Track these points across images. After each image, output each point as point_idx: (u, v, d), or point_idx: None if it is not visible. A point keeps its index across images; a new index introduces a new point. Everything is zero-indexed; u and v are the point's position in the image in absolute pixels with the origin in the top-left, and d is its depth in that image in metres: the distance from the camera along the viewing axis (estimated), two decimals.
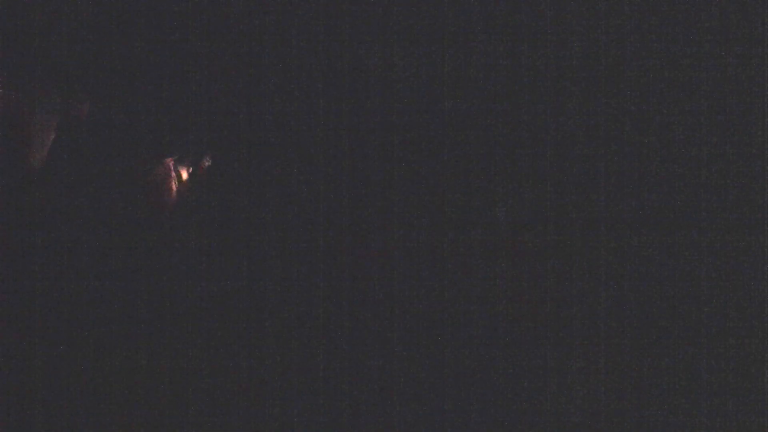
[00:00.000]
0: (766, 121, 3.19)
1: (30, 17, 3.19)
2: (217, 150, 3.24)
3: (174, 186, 3.18)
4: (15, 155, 3.12)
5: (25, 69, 3.18)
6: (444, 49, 3.25)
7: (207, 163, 3.05)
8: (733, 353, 3.16)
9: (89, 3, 3.20)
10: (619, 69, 3.23)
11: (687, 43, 3.22)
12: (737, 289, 3.17)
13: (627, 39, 3.23)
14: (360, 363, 3.22)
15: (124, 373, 3.17)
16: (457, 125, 3.24)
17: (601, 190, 3.22)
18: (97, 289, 3.19)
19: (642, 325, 3.19)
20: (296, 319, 3.23)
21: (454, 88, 3.24)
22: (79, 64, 3.19)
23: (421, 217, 3.24)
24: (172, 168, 3.15)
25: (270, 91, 3.25)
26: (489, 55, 3.25)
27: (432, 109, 3.24)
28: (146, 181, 3.10)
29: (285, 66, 3.25)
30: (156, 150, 3.20)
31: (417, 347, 3.22)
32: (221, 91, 3.25)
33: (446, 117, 3.24)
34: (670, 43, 3.22)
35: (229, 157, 3.25)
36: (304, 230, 3.24)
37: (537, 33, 3.24)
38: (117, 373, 3.17)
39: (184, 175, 3.19)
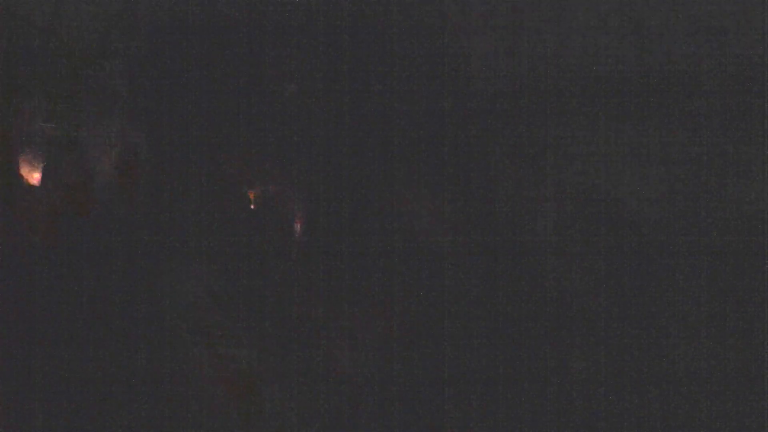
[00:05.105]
0: (766, 121, 3.19)
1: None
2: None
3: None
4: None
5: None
6: (444, 47, 3.25)
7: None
8: (732, 353, 3.16)
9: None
10: (619, 69, 3.23)
11: (687, 43, 3.22)
12: (737, 289, 3.17)
13: (627, 39, 3.23)
14: (360, 363, 3.22)
15: (123, 373, 3.18)
16: (458, 124, 3.24)
17: (602, 190, 3.22)
18: (97, 289, 3.19)
19: (642, 325, 3.19)
20: (296, 319, 3.23)
21: (454, 87, 3.24)
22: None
23: (421, 217, 3.24)
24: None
25: (269, 90, 3.25)
26: (489, 54, 3.25)
27: (432, 109, 3.24)
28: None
29: (283, 63, 3.25)
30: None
31: (417, 347, 3.22)
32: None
33: (446, 116, 3.24)
34: (670, 43, 3.22)
35: (228, 156, 3.25)
36: (305, 230, 3.24)
37: (537, 33, 3.24)
38: (116, 373, 3.18)
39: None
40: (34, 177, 3.20)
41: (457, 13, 3.26)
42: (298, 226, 3.25)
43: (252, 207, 3.25)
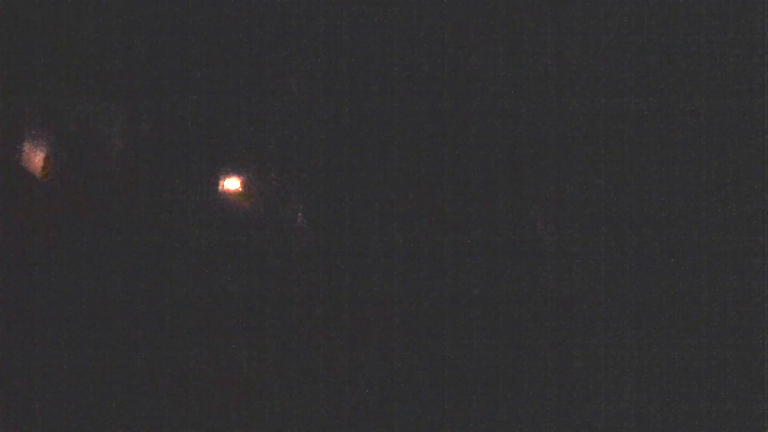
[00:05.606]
0: (766, 121, 3.19)
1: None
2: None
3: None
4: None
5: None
6: (444, 47, 3.25)
7: None
8: (732, 353, 3.17)
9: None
10: (619, 69, 3.23)
11: (686, 43, 3.22)
12: (737, 289, 3.18)
13: (627, 39, 3.23)
14: (360, 363, 3.22)
15: (124, 373, 3.18)
16: (458, 124, 3.24)
17: (602, 190, 3.22)
18: (98, 289, 3.19)
19: (642, 325, 3.20)
20: (296, 319, 3.23)
21: (454, 87, 3.24)
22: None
23: (421, 217, 3.24)
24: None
25: (270, 90, 3.26)
26: (489, 54, 3.25)
27: (432, 109, 3.24)
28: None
29: (284, 64, 3.25)
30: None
31: (417, 347, 3.23)
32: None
33: (446, 116, 3.24)
34: (670, 43, 3.23)
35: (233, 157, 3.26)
36: (307, 230, 3.25)
37: (537, 33, 3.24)
38: (117, 373, 3.18)
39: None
40: (35, 177, 3.20)
41: (457, 13, 3.26)
42: (298, 226, 3.25)
43: (253, 209, 3.25)
